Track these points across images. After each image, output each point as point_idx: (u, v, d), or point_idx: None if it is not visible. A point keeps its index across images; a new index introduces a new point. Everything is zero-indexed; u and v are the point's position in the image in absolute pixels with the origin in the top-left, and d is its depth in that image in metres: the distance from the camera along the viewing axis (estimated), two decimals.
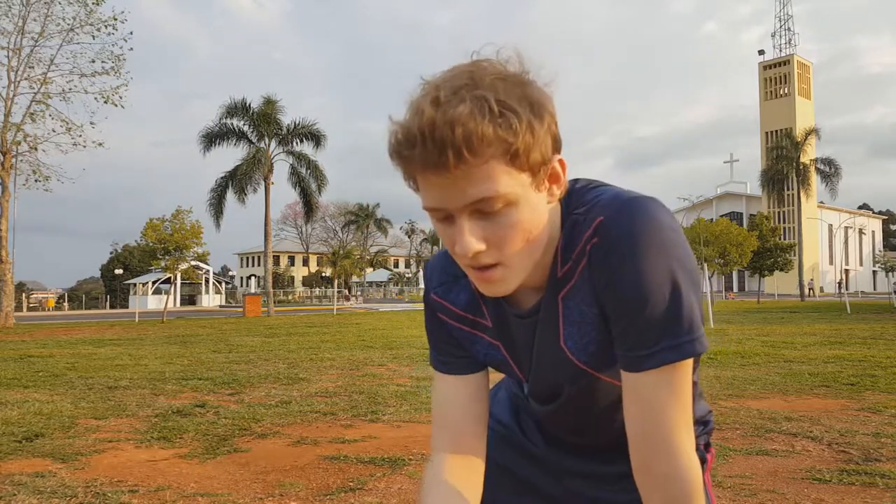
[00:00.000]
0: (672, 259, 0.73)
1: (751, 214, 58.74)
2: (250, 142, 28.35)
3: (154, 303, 41.96)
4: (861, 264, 75.45)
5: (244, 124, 28.12)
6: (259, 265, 70.93)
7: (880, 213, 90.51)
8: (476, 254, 0.72)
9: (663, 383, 0.74)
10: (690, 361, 0.75)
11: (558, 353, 0.85)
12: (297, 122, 28.83)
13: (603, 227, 0.76)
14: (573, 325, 0.82)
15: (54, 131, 20.62)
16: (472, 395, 0.95)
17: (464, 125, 0.65)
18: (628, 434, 0.78)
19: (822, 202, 61.32)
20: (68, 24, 20.52)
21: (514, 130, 0.68)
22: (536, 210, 0.74)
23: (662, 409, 0.74)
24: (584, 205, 0.80)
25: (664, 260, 0.73)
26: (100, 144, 21.52)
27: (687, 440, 0.75)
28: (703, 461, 0.96)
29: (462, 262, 0.76)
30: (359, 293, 58.61)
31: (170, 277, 37.08)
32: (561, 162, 0.76)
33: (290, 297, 56.38)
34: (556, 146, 0.74)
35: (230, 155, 33.98)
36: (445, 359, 0.97)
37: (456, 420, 0.94)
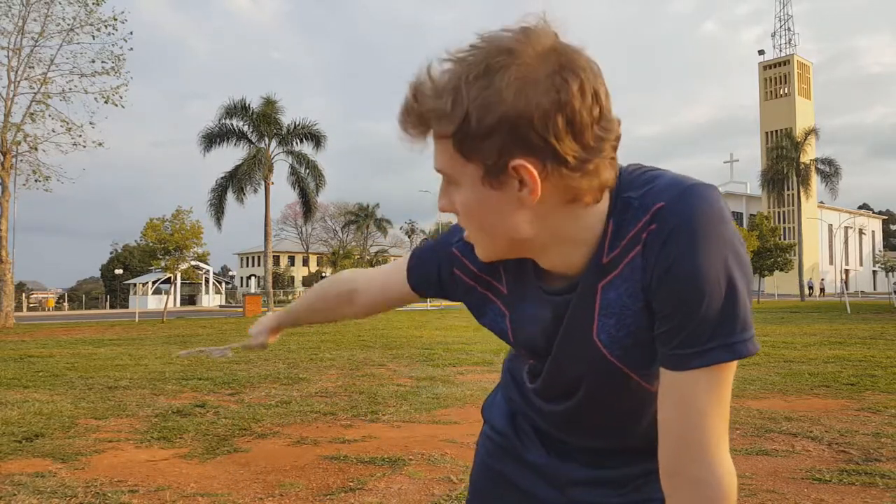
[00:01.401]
0: (732, 253, 0.70)
1: (751, 214, 58.75)
2: (250, 142, 28.37)
3: (154, 303, 41.95)
4: (861, 264, 75.43)
5: (244, 124, 28.17)
6: (259, 265, 70.92)
7: (880, 213, 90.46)
8: (446, 211, 0.79)
9: (708, 384, 0.71)
10: (736, 363, 0.72)
11: (588, 345, 0.81)
12: (297, 123, 28.88)
13: (663, 213, 0.71)
14: (611, 317, 0.78)
15: (54, 131, 20.64)
16: (402, 298, 1.08)
17: (411, 100, 0.72)
18: (661, 435, 0.75)
19: (822, 202, 61.32)
20: (68, 24, 20.53)
21: (446, 117, 0.69)
22: (489, 207, 0.73)
23: (704, 411, 0.71)
24: (637, 188, 0.75)
25: (725, 253, 0.69)
26: (100, 144, 21.52)
27: (725, 443, 0.72)
28: None
29: None
30: None
31: (170, 277, 37.08)
32: (525, 169, 0.68)
33: (290, 298, 56.38)
34: (528, 150, 0.68)
35: (230, 155, 34.04)
36: (420, 272, 1.02)
37: (377, 290, 1.10)
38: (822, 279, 58.07)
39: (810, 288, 51.49)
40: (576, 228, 0.76)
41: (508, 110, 0.66)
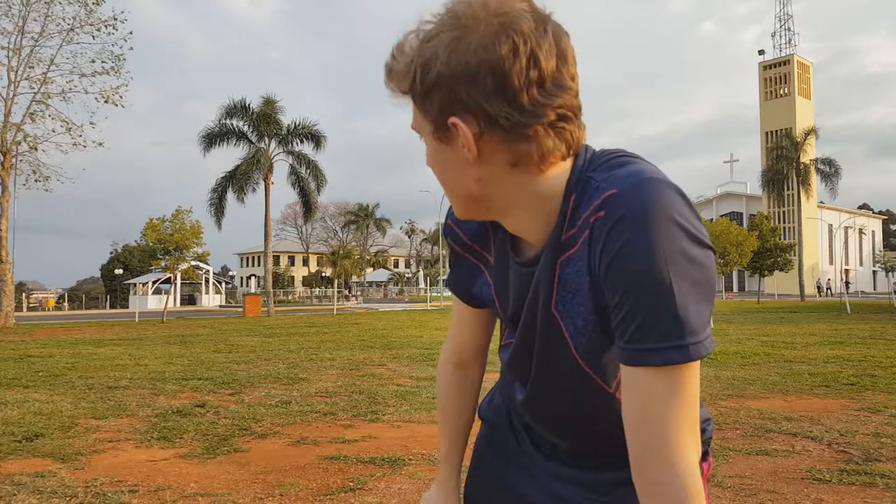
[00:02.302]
0: (679, 252, 0.68)
1: (751, 214, 58.75)
2: (250, 142, 28.35)
3: (154, 303, 41.94)
4: (861, 264, 75.42)
5: (244, 124, 28.12)
6: (259, 265, 70.92)
7: (880, 213, 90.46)
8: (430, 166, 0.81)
9: (665, 383, 0.69)
10: (698, 363, 0.70)
11: (548, 317, 0.83)
12: (296, 123, 28.83)
13: (612, 201, 0.71)
14: (568, 292, 0.79)
15: (54, 131, 20.66)
16: (480, 322, 1.07)
17: (394, 56, 0.75)
18: (626, 433, 0.73)
19: (822, 202, 61.31)
20: (68, 24, 20.55)
21: (401, 73, 0.73)
22: (443, 162, 0.77)
23: (664, 411, 0.69)
24: (603, 171, 0.75)
25: (672, 251, 0.68)
26: (100, 144, 21.54)
27: (689, 443, 0.70)
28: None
29: None
30: (359, 293, 58.61)
31: (170, 277, 37.09)
32: (459, 126, 0.71)
33: (290, 297, 56.35)
34: (463, 108, 0.70)
35: (230, 155, 33.99)
36: (456, 286, 1.03)
37: (462, 339, 1.10)
38: (829, 279, 58.28)
39: (819, 287, 51.70)
40: (527, 196, 0.77)
41: (442, 69, 0.70)
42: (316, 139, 29.15)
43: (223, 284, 51.28)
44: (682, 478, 0.69)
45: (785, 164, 39.79)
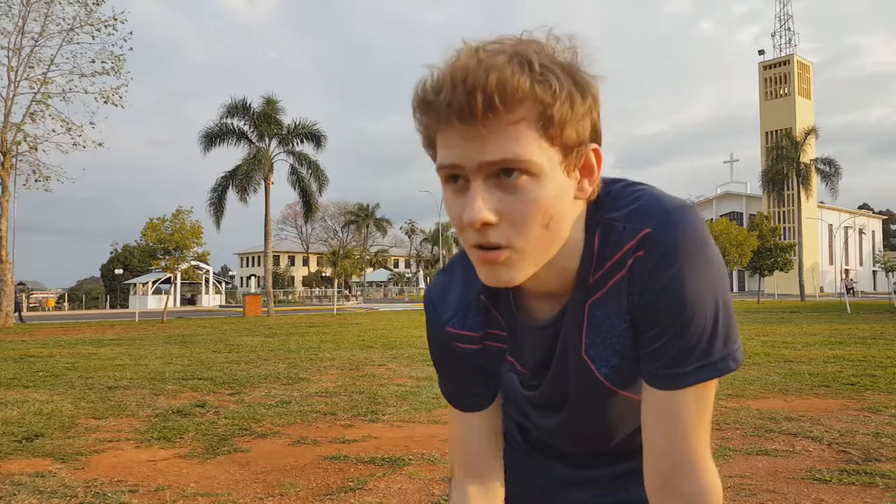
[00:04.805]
0: (716, 274, 0.72)
1: (751, 214, 58.71)
2: (251, 142, 28.35)
3: (154, 303, 41.91)
4: (861, 264, 75.38)
5: (244, 124, 28.13)
6: (259, 265, 70.92)
7: (880, 212, 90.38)
8: (484, 226, 0.66)
9: (695, 400, 0.73)
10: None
11: (579, 363, 0.82)
12: (297, 123, 28.83)
13: (649, 240, 0.72)
14: (597, 335, 0.79)
15: (54, 131, 20.60)
16: (487, 429, 0.93)
17: (499, 72, 0.62)
18: (648, 451, 0.76)
19: (822, 202, 61.27)
20: (68, 24, 20.51)
21: (552, 93, 0.64)
22: (561, 196, 0.68)
23: (691, 427, 0.73)
24: (620, 209, 0.75)
25: (710, 276, 0.71)
26: (100, 144, 21.49)
27: (709, 454, 0.75)
28: None
29: (468, 241, 0.69)
30: (359, 293, 58.61)
31: (170, 277, 37.07)
32: (597, 153, 0.71)
33: (290, 297, 56.34)
34: (595, 135, 0.71)
35: (231, 154, 33.99)
36: (457, 394, 0.93)
37: (473, 453, 0.94)
38: (852, 279, 58.17)
39: (848, 287, 50.92)
40: (574, 233, 0.75)
41: (593, 94, 0.72)
42: (316, 139, 29.17)
43: (223, 284, 51.26)
44: (709, 487, 0.74)
45: (785, 164, 39.76)
